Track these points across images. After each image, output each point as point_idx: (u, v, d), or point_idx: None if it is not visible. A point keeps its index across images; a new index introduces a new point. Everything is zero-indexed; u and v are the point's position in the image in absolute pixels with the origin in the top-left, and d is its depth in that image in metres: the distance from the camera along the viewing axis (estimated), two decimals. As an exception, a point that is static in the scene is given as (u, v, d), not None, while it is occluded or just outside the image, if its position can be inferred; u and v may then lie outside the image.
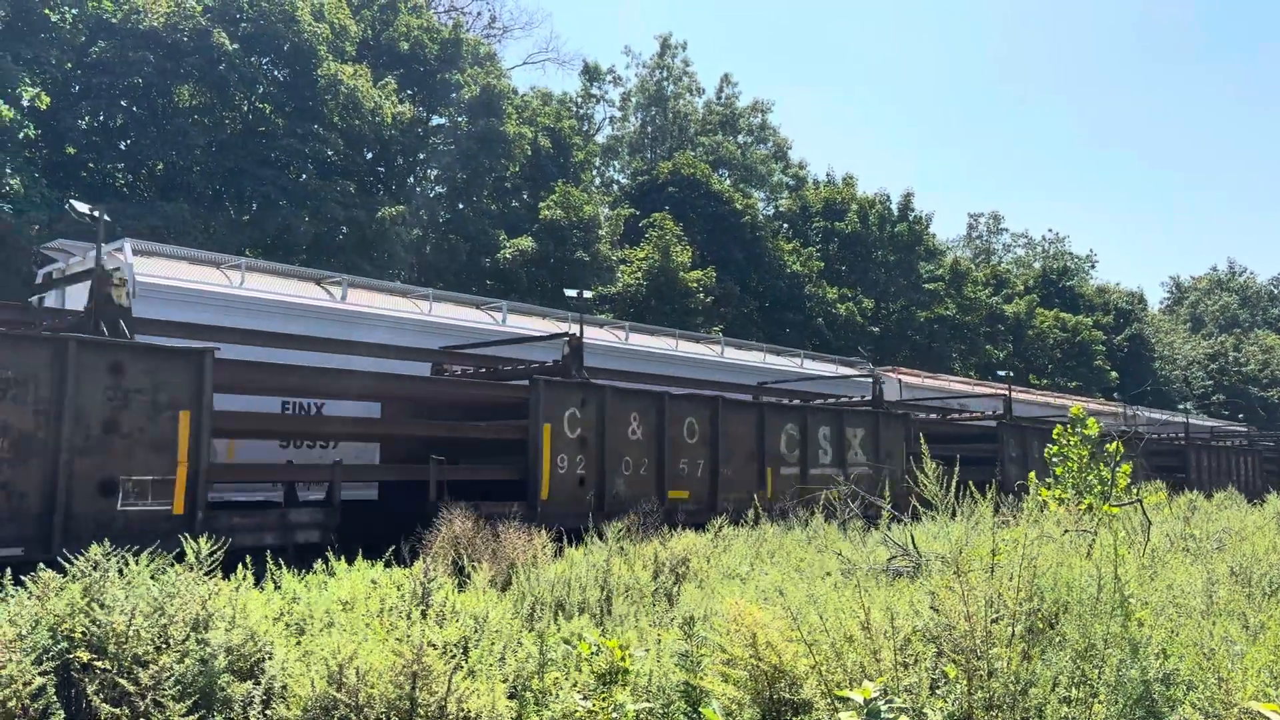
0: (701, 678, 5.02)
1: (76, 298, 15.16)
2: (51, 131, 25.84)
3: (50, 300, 15.69)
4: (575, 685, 5.00)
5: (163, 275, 14.55)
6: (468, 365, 15.06)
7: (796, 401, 19.34)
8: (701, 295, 39.37)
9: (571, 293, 16.28)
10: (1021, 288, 66.45)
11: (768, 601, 5.34)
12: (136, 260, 14.37)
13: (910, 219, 55.61)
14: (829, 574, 6.77)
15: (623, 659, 5.04)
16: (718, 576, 7.94)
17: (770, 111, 65.57)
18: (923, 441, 7.65)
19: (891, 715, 3.75)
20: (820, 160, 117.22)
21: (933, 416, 23.20)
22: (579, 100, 60.20)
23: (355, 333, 15.05)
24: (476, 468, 13.08)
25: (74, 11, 25.48)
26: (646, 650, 5.44)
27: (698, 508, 14.29)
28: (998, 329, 57.75)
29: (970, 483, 6.97)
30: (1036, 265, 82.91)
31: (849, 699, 3.90)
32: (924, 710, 4.21)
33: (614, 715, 4.62)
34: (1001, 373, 26.77)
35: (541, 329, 19.86)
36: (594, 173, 52.49)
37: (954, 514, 6.35)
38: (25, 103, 23.58)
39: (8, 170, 22.75)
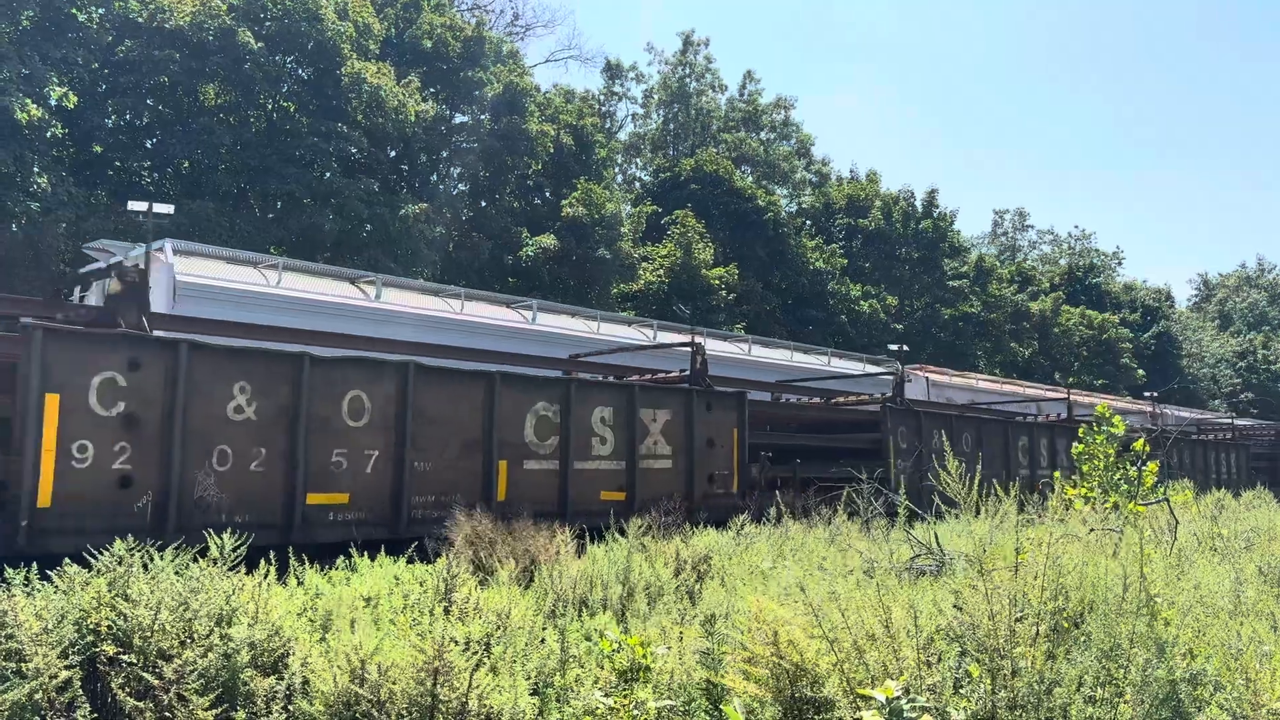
0: (723, 675, 5.00)
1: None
2: (78, 130, 26.09)
3: (92, 298, 16.00)
4: (597, 682, 4.99)
5: (203, 274, 14.82)
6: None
7: (609, 378, 15.17)
8: (724, 293, 39.32)
9: (138, 206, 11.29)
10: (1047, 285, 66.03)
11: (789, 599, 5.32)
12: (177, 260, 14.67)
13: (934, 216, 55.36)
14: (851, 572, 6.74)
15: (644, 656, 5.03)
16: (740, 574, 7.92)
17: (793, 108, 65.45)
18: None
19: (914, 714, 3.72)
20: (843, 157, 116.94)
21: (789, 399, 19.17)
22: (601, 97, 60.26)
23: (388, 330, 15.16)
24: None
25: (100, 11, 25.70)
26: (668, 648, 5.43)
27: (365, 516, 10.36)
28: (1023, 326, 57.36)
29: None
30: (1062, 262, 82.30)
31: (871, 698, 3.87)
32: (947, 709, 4.18)
33: (635, 712, 4.61)
34: (893, 346, 22.26)
35: (569, 327, 19.97)
36: (616, 170, 52.54)
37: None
38: (53, 102, 23.83)
39: (35, 169, 22.99)
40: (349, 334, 13.27)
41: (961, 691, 4.43)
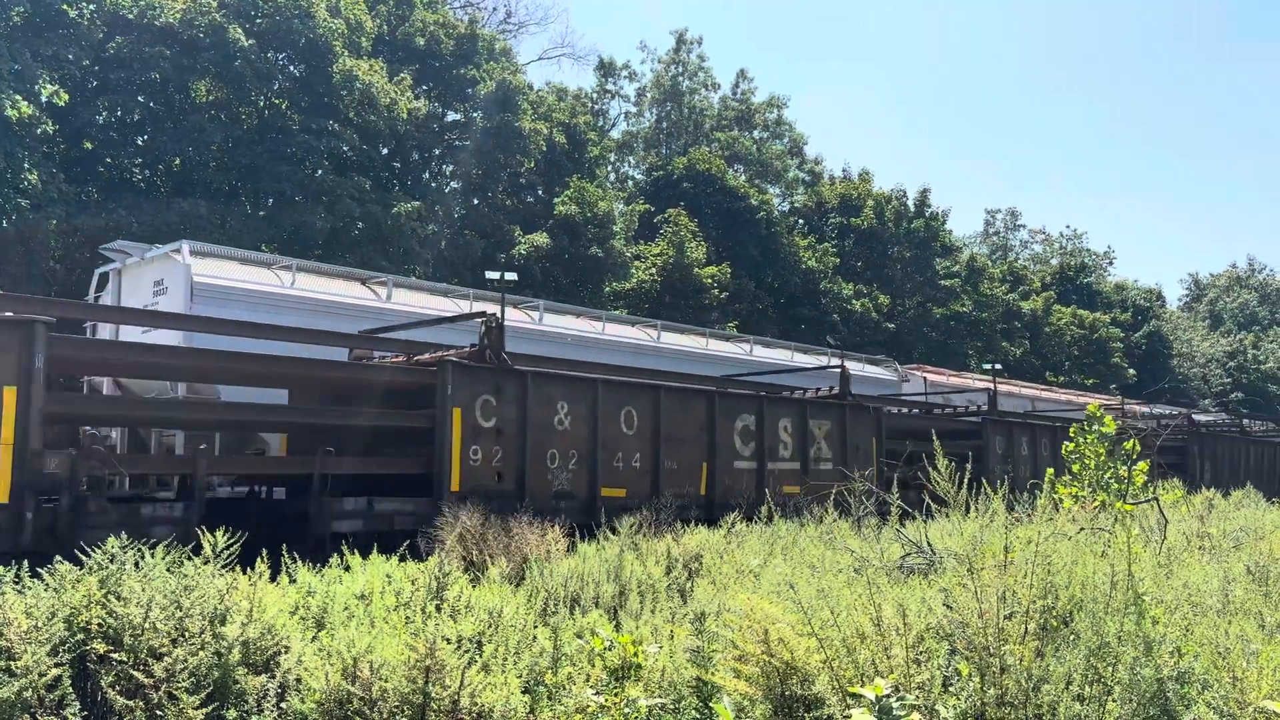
0: (713, 673, 5.02)
1: (132, 295, 15.60)
2: (69, 127, 26.01)
3: (106, 298, 16.12)
4: (589, 680, 5.00)
5: (219, 275, 15.03)
6: None
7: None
8: (716, 291, 39.35)
9: None
10: (1038, 284, 66.15)
11: (780, 597, 5.34)
12: (194, 261, 14.91)
13: (927, 215, 55.45)
14: (841, 570, 6.76)
15: (635, 654, 5.04)
16: (731, 572, 7.93)
17: (786, 107, 65.53)
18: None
19: (903, 712, 3.74)
20: (836, 156, 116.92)
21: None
22: (594, 96, 60.23)
23: (401, 331, 15.30)
24: None
25: (91, 7, 25.63)
26: (659, 646, 5.44)
27: None
28: (1014, 326, 57.50)
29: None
30: (1054, 262, 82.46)
31: (861, 695, 3.89)
32: (936, 707, 4.20)
33: (626, 711, 4.62)
34: (493, 275, 16.25)
35: (576, 327, 20.09)
36: (609, 168, 52.51)
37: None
38: (44, 99, 23.75)
39: (26, 166, 22.91)
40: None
41: (950, 689, 4.45)
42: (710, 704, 4.97)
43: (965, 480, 6.46)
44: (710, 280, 39.21)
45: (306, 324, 14.03)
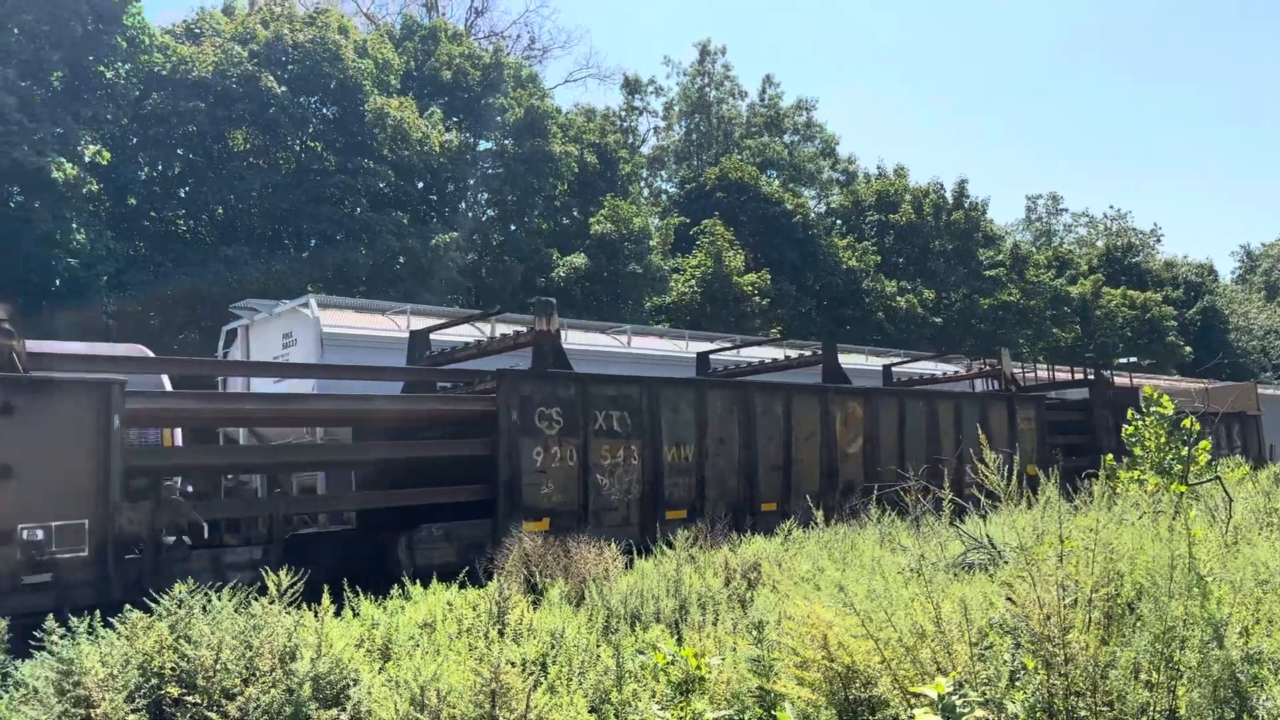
0: (775, 682, 5.01)
1: (261, 349, 16.50)
2: (112, 185, 26.64)
3: (235, 353, 16.85)
4: (654, 696, 5.02)
5: (343, 325, 15.90)
6: None
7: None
8: (757, 299, 39.25)
9: None
10: (1086, 268, 65.24)
11: (844, 605, 5.33)
12: (322, 314, 15.80)
13: (966, 206, 54.96)
14: (901, 571, 6.72)
15: (698, 667, 5.05)
16: (789, 580, 7.90)
17: (815, 109, 65.35)
18: None
19: (967, 709, 3.72)
20: (870, 154, 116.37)
21: None
22: (622, 114, 60.51)
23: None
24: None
25: (126, 66, 26.26)
26: (722, 658, 5.45)
27: None
28: (1064, 311, 56.69)
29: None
30: (1100, 244, 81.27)
31: (922, 694, 3.87)
32: (1003, 702, 4.17)
33: (692, 723, 4.64)
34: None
35: (669, 349, 21.02)
36: (641, 184, 52.66)
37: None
38: (87, 159, 24.36)
39: (74, 226, 23.48)
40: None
41: (1017, 684, 4.42)
42: (774, 712, 4.97)
43: None
44: (750, 288, 39.13)
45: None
